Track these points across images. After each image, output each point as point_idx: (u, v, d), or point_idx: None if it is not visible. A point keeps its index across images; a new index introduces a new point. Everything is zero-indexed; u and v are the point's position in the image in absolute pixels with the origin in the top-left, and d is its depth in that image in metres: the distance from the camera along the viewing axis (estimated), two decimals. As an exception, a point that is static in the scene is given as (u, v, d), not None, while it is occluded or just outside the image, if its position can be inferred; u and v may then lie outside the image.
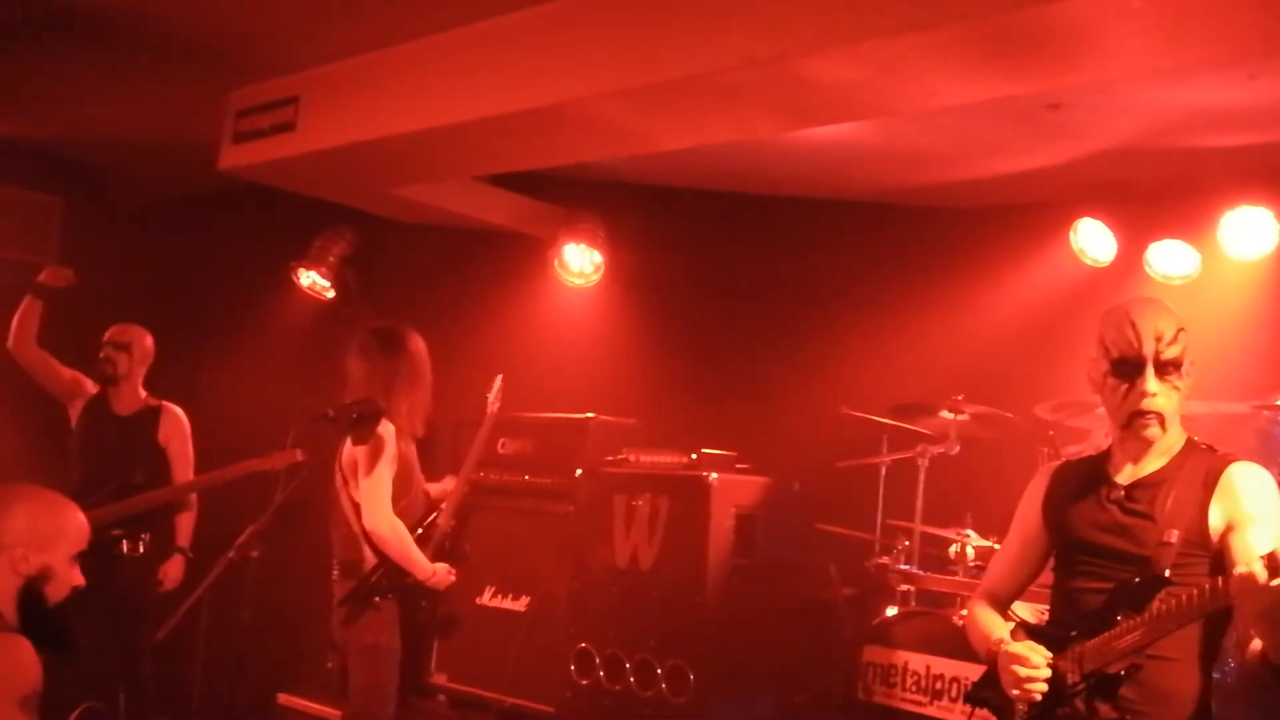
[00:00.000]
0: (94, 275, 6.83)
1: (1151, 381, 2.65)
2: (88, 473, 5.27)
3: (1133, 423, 2.69)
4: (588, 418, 5.61)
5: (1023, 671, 2.66)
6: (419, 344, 4.60)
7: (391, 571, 4.34)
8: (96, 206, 7.20)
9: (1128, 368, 2.68)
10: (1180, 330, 2.69)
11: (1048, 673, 2.64)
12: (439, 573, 4.45)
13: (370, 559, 4.34)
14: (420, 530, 4.49)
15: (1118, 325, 2.70)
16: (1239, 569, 2.24)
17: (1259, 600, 2.20)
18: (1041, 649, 2.68)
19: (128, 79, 5.74)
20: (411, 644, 4.43)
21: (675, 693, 4.92)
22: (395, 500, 4.34)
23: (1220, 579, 2.39)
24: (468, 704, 5.54)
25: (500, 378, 5.25)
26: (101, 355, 5.41)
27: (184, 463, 5.49)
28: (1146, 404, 2.66)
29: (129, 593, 5.13)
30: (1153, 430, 2.68)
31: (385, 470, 4.30)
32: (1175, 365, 2.67)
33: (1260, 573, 2.17)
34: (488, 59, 4.85)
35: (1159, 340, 2.66)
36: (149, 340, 5.53)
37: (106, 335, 5.48)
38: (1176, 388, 2.68)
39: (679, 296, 6.44)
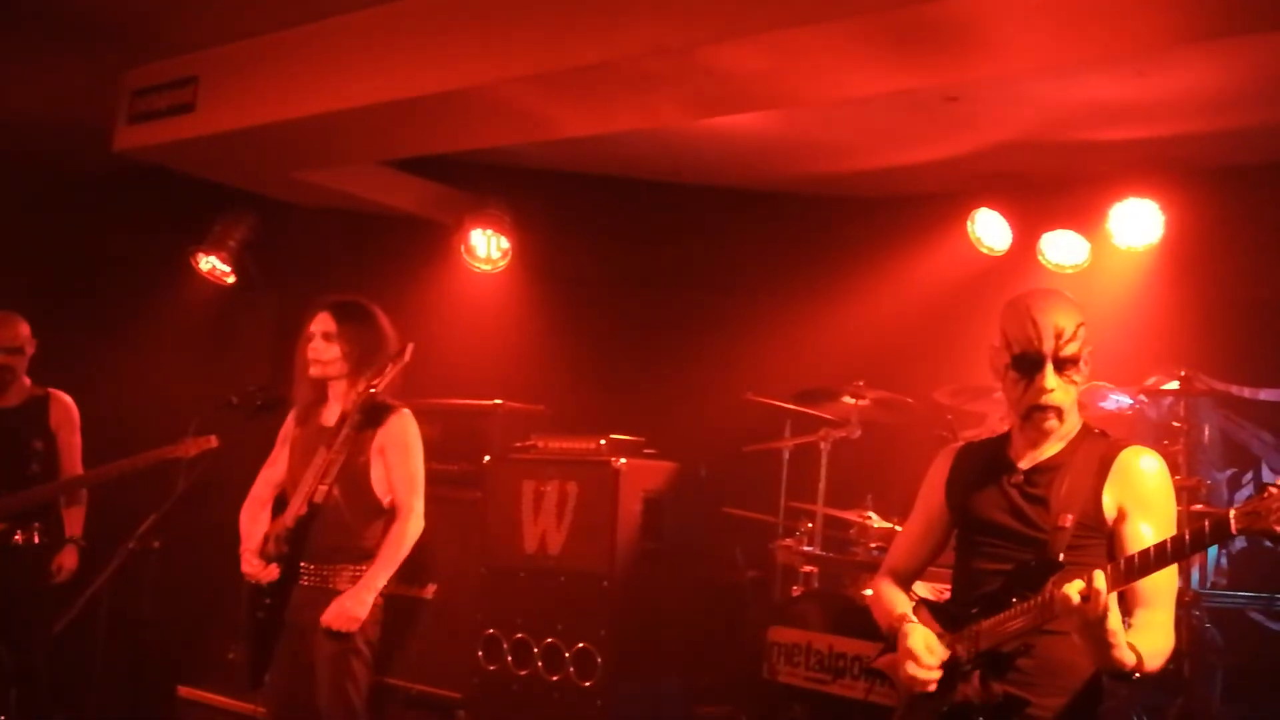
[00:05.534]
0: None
1: (1050, 378, 2.74)
2: None
3: (1031, 415, 2.78)
4: (495, 404, 5.60)
5: (912, 669, 2.76)
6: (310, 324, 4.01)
7: None
8: (-18, 188, 6.95)
9: (1028, 363, 2.76)
10: (1080, 325, 2.76)
11: (938, 674, 2.74)
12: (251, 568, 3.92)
13: None
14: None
15: (1019, 320, 2.77)
16: (1063, 588, 2.42)
17: (1072, 619, 2.43)
18: (938, 646, 2.77)
19: (17, 53, 5.55)
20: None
21: (583, 676, 4.96)
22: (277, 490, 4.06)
23: (1051, 592, 2.52)
24: (375, 691, 5.50)
25: (409, 348, 3.92)
26: None
27: (73, 452, 5.27)
28: (1045, 399, 2.75)
29: (22, 585, 4.97)
30: (1051, 423, 2.78)
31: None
32: (1073, 361, 2.75)
33: (1074, 596, 2.38)
34: (394, 41, 4.81)
35: (1059, 337, 2.73)
36: (28, 328, 5.18)
37: None
38: (1074, 381, 2.77)
39: (586, 283, 6.46)
